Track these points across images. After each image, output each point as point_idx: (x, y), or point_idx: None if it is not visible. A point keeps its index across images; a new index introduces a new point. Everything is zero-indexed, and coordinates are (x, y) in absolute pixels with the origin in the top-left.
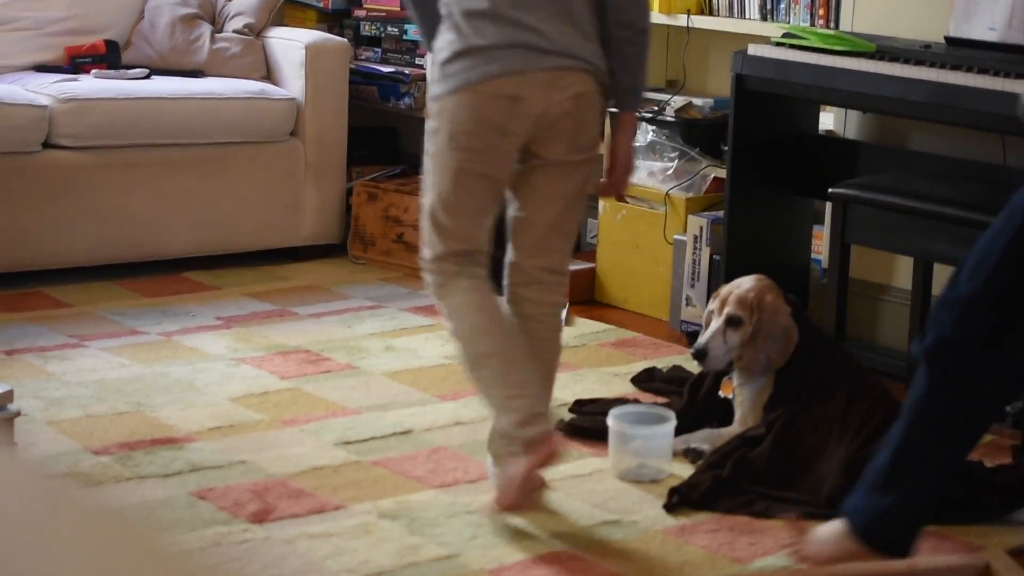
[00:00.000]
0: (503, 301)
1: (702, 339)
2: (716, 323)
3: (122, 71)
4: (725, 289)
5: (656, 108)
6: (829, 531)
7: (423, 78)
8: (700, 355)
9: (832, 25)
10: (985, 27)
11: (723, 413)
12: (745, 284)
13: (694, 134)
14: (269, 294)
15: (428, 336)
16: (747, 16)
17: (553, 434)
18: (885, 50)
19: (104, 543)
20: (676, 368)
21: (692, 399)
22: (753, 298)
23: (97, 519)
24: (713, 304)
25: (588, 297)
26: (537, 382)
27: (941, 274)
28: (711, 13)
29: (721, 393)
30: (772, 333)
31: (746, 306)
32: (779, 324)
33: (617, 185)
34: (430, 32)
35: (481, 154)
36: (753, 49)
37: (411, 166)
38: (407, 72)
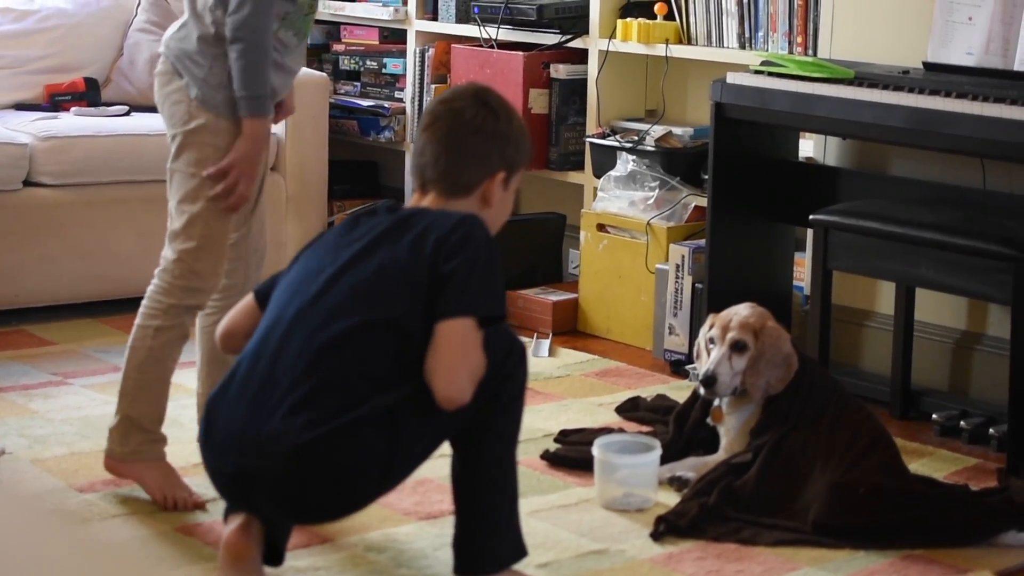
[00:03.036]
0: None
1: (709, 366)
2: (721, 349)
3: (102, 108)
4: (723, 316)
5: (636, 138)
6: None
7: (403, 111)
8: (710, 382)
9: (810, 52)
10: (963, 52)
11: (710, 442)
12: (743, 311)
13: (674, 163)
14: None
15: None
16: (725, 45)
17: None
18: (864, 76)
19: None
20: (660, 397)
21: (679, 430)
22: (755, 323)
23: (95, 553)
24: (712, 332)
25: (571, 327)
26: None
27: (923, 299)
28: (689, 42)
29: (710, 421)
30: (774, 359)
31: (750, 331)
32: (781, 351)
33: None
34: None
35: None
36: (732, 77)
37: (392, 200)
38: (387, 106)
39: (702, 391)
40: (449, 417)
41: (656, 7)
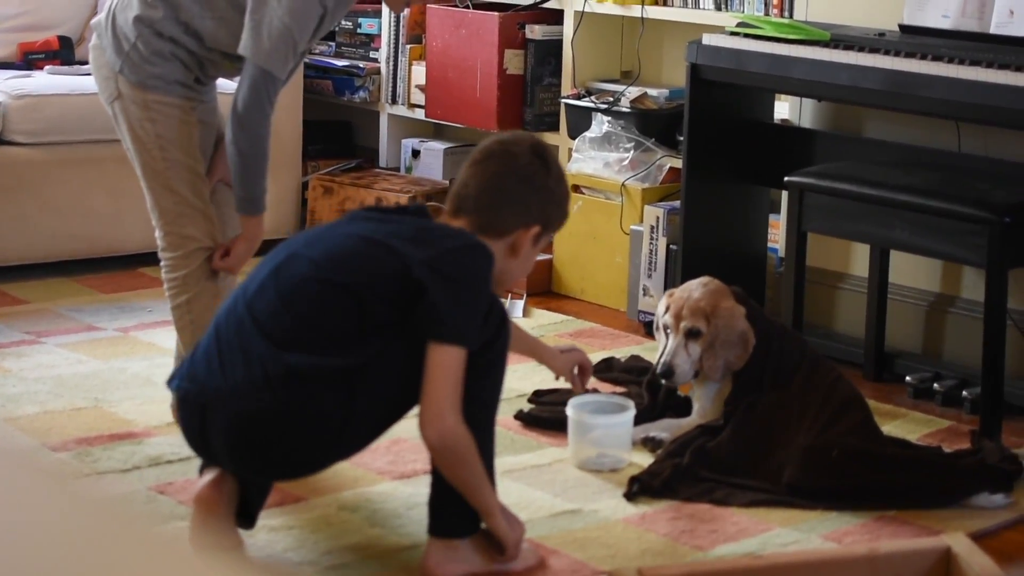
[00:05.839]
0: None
1: (666, 357)
2: (676, 338)
3: (76, 67)
4: (676, 298)
5: (611, 99)
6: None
7: (377, 72)
8: (667, 373)
9: (786, 14)
10: (939, 15)
11: (683, 408)
12: (696, 292)
13: (649, 124)
14: None
15: None
16: (701, 6)
17: None
18: (839, 38)
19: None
20: (634, 358)
21: (652, 398)
22: (707, 306)
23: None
24: (665, 318)
25: (545, 288)
26: None
27: (897, 261)
28: (665, 3)
29: (680, 392)
30: (729, 339)
31: (701, 315)
32: (735, 329)
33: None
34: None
35: None
36: (707, 39)
37: (367, 160)
38: (361, 66)
39: (662, 381)
40: (410, 388)
41: None
